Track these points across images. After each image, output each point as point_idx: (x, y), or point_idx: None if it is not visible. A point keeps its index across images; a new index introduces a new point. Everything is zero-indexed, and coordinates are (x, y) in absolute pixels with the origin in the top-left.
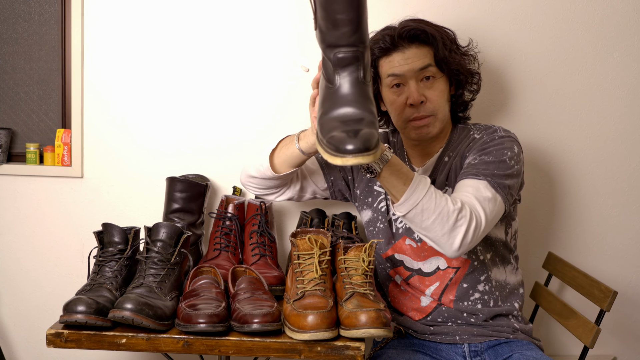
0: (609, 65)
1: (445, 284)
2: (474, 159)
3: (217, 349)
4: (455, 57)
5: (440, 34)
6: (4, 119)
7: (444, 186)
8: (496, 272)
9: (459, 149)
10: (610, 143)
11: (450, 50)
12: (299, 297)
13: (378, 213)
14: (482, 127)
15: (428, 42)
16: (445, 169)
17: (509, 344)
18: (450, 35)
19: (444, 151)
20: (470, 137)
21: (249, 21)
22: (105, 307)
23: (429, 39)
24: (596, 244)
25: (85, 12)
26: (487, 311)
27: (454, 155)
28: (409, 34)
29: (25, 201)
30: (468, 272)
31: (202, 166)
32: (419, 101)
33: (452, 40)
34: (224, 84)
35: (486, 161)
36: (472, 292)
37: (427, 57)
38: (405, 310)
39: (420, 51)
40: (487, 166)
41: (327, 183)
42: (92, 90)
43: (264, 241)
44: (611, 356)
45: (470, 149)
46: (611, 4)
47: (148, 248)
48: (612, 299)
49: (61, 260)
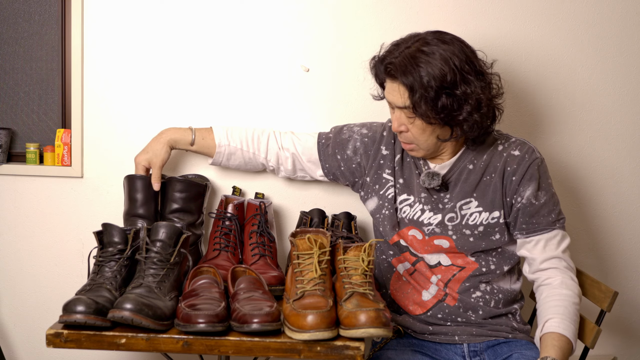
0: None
1: (449, 278)
2: (534, 196)
3: (216, 349)
4: (435, 108)
5: (424, 80)
6: (4, 119)
7: (470, 196)
8: (500, 281)
9: (486, 159)
10: (612, 142)
11: (431, 101)
12: (299, 297)
13: (384, 200)
14: (516, 141)
15: (406, 86)
16: (471, 178)
17: (508, 343)
18: (444, 77)
19: (464, 155)
20: (499, 149)
21: (248, 21)
22: (105, 307)
23: (407, 85)
24: (596, 244)
25: (85, 12)
26: (487, 310)
27: (484, 167)
28: (388, 71)
29: (25, 201)
30: (472, 275)
31: (202, 166)
32: (399, 130)
33: (440, 85)
34: (223, 84)
35: (547, 203)
36: (474, 291)
37: (405, 98)
38: (405, 304)
39: (402, 89)
40: (550, 208)
41: (323, 170)
42: (92, 90)
43: (263, 241)
44: (611, 356)
45: (516, 172)
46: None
47: (147, 248)
48: (612, 299)
49: (61, 260)
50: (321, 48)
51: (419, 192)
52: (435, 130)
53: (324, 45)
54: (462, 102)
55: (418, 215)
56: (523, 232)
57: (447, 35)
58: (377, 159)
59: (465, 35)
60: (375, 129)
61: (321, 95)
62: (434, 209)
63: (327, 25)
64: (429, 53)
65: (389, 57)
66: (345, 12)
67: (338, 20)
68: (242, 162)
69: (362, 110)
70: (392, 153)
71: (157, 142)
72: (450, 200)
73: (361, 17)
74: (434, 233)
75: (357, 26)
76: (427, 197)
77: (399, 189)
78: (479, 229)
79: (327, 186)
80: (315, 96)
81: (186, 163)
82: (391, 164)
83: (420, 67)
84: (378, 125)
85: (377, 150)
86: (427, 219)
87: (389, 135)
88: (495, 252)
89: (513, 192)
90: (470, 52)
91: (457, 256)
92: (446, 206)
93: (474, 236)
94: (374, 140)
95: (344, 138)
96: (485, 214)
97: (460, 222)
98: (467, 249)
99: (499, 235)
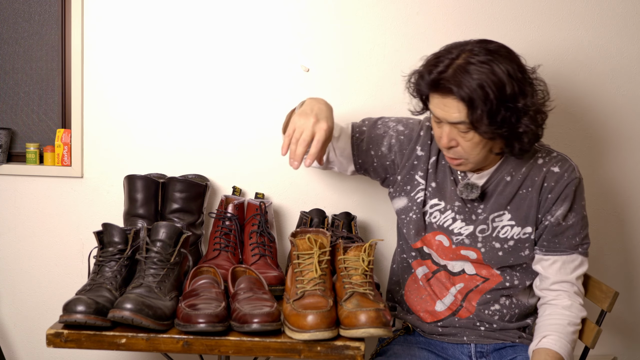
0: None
1: (471, 288)
2: (564, 217)
3: (216, 349)
4: (496, 123)
5: (484, 94)
6: (4, 119)
7: (503, 209)
8: (520, 294)
9: (524, 172)
10: (613, 141)
11: (492, 116)
12: (299, 297)
13: (413, 203)
14: (557, 157)
15: (464, 101)
16: (507, 191)
17: (514, 347)
18: (503, 89)
19: (503, 165)
20: (539, 162)
21: (249, 21)
22: (105, 307)
23: (465, 99)
24: (597, 244)
25: (85, 12)
26: (501, 324)
27: (521, 180)
28: (438, 85)
29: (25, 201)
30: (495, 288)
31: (202, 166)
32: (448, 146)
33: (500, 98)
34: (223, 84)
35: (575, 225)
36: (493, 304)
37: (463, 114)
38: (416, 310)
39: (458, 105)
40: (576, 230)
41: (355, 166)
42: (92, 90)
43: (263, 241)
44: (611, 356)
45: (553, 190)
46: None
47: (148, 248)
48: (613, 299)
49: (61, 260)
50: (321, 48)
51: (452, 199)
52: (488, 144)
53: (324, 45)
54: (521, 113)
55: (449, 223)
56: (543, 250)
57: (492, 43)
58: (411, 159)
59: (465, 35)
60: (412, 127)
61: (321, 95)
62: (466, 220)
63: (327, 25)
64: (481, 64)
65: (435, 70)
66: (346, 12)
67: (338, 21)
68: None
69: (362, 110)
70: (427, 155)
71: (328, 109)
72: (484, 212)
73: (362, 17)
74: (463, 243)
75: (358, 26)
76: (461, 206)
77: (430, 193)
78: (509, 243)
79: (327, 186)
80: (315, 96)
81: (186, 163)
82: (425, 166)
83: (474, 79)
84: (415, 123)
85: (412, 149)
86: (458, 229)
87: (426, 135)
88: (520, 267)
89: (546, 210)
90: (517, 59)
91: (483, 267)
92: (479, 217)
93: (503, 250)
94: (410, 139)
95: (379, 133)
96: (518, 229)
97: (490, 234)
98: (494, 262)
99: (528, 251)
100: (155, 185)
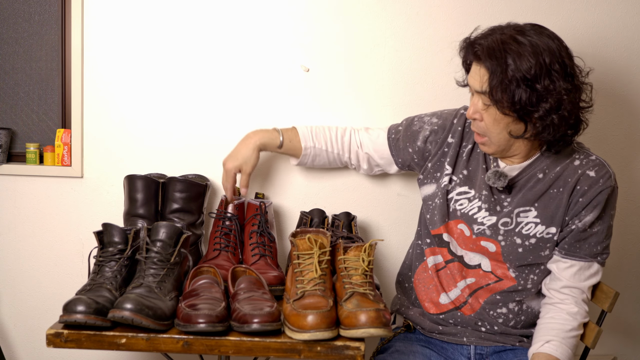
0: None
1: (481, 285)
2: (590, 224)
3: (216, 349)
4: (512, 99)
5: (504, 67)
6: (4, 119)
7: (530, 205)
8: (533, 300)
9: (558, 172)
10: (612, 141)
11: (509, 89)
12: (299, 297)
13: (439, 189)
14: (596, 160)
15: (487, 68)
16: (537, 187)
17: (515, 351)
18: (529, 70)
19: (537, 161)
20: (575, 164)
21: (249, 21)
22: (105, 307)
23: (487, 64)
24: None
25: (85, 12)
26: (504, 328)
27: (554, 179)
28: (475, 52)
29: (25, 201)
30: (507, 290)
31: (202, 166)
32: (472, 117)
33: (522, 77)
34: (224, 84)
35: (599, 233)
36: (501, 306)
37: (485, 80)
38: (422, 298)
39: (484, 72)
40: (599, 239)
41: (397, 165)
42: (92, 90)
43: (263, 241)
44: (611, 356)
45: (585, 194)
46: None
47: (148, 248)
48: (613, 299)
49: (61, 260)
50: (322, 48)
51: (480, 187)
52: (508, 124)
53: (324, 45)
54: (540, 98)
55: (474, 212)
56: (562, 252)
57: (547, 30)
58: (442, 146)
59: (464, 34)
60: (446, 117)
61: (321, 96)
62: (490, 209)
63: (327, 25)
64: (521, 43)
65: (479, 39)
66: (346, 12)
67: (339, 21)
68: (326, 162)
69: (362, 110)
70: (458, 141)
71: (246, 147)
72: (510, 205)
73: (362, 17)
74: (484, 234)
75: (358, 26)
76: (488, 195)
77: (461, 181)
78: (531, 240)
79: (327, 186)
80: (315, 96)
81: (186, 163)
82: (454, 152)
83: (507, 53)
84: (449, 113)
85: (444, 138)
86: (481, 218)
87: (458, 123)
88: (538, 269)
89: (574, 214)
90: (566, 54)
91: (499, 266)
92: (504, 209)
93: (523, 247)
94: (444, 128)
95: (415, 130)
96: (542, 227)
97: (513, 229)
98: (513, 258)
99: (549, 252)
100: (155, 185)
